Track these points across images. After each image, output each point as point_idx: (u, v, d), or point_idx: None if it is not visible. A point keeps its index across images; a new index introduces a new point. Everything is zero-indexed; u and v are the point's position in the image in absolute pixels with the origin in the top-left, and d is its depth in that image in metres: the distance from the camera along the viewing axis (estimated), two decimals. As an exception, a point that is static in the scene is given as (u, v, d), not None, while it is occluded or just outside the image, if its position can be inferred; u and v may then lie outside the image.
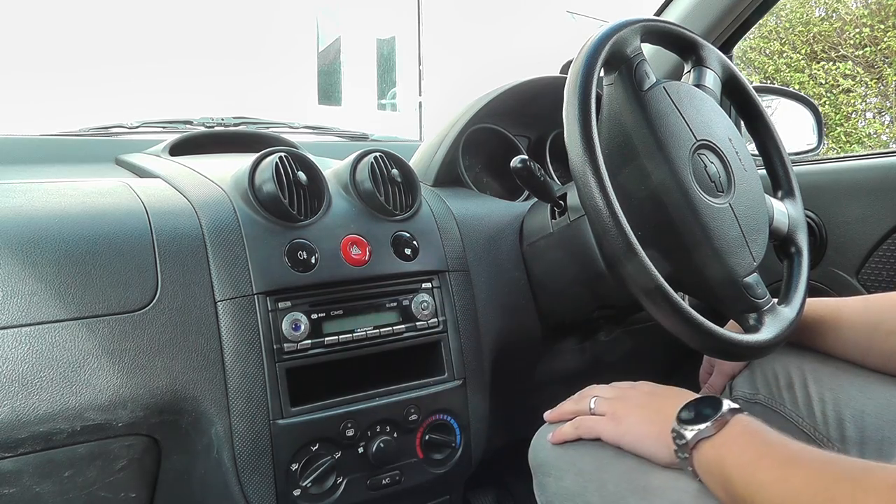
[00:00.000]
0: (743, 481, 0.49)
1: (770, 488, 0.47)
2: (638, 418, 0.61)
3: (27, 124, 1.21)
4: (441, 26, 5.86)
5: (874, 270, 1.02)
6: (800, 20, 7.14)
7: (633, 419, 0.61)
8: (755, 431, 0.52)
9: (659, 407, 0.60)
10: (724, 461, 0.51)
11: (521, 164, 0.78)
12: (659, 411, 0.60)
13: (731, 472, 0.50)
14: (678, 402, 0.58)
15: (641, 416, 0.61)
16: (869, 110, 7.12)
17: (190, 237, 0.69)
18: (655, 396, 0.64)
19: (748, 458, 0.50)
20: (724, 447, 0.52)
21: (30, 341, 0.60)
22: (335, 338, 0.72)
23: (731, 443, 0.52)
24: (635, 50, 0.73)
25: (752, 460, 0.50)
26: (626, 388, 0.67)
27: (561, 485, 0.63)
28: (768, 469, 0.48)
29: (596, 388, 0.69)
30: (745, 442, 0.52)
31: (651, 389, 0.65)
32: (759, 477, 0.48)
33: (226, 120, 1.28)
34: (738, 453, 0.51)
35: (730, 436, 0.52)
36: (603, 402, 0.65)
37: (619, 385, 0.68)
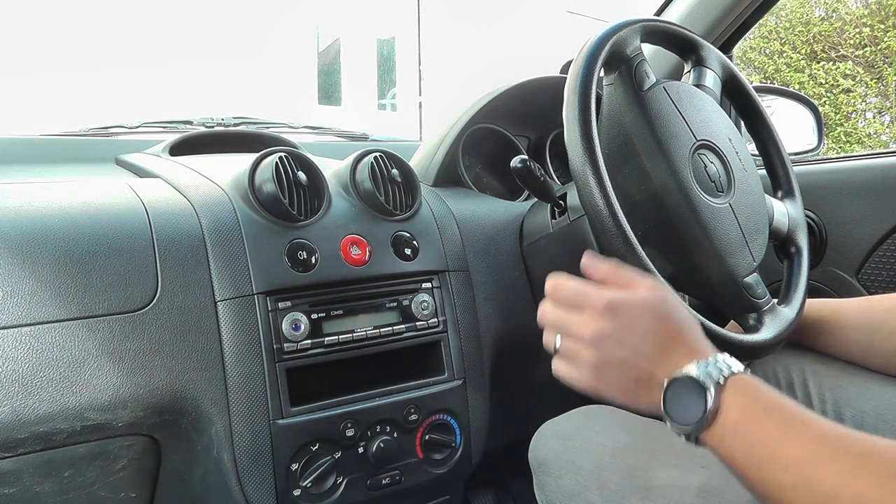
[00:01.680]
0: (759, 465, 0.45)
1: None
2: (620, 391, 0.55)
3: (27, 124, 1.21)
4: (441, 27, 5.86)
5: (874, 270, 1.02)
6: (800, 20, 7.14)
7: (617, 390, 0.55)
8: (754, 412, 0.47)
9: (639, 377, 0.53)
10: (733, 450, 0.47)
11: (521, 164, 0.78)
12: (640, 384, 0.53)
13: (743, 458, 0.46)
14: (660, 374, 0.52)
15: (625, 390, 0.54)
16: (869, 110, 7.12)
17: (190, 237, 0.69)
18: (634, 360, 0.54)
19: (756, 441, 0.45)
20: (726, 437, 0.47)
21: (30, 341, 0.60)
22: (335, 338, 0.72)
23: (733, 433, 0.47)
24: (635, 50, 0.73)
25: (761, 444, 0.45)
26: (611, 346, 0.55)
27: (561, 484, 0.63)
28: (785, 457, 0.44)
29: (558, 299, 0.60)
30: (748, 427, 0.46)
31: (627, 343, 0.54)
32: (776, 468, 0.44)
33: (226, 120, 1.28)
34: (743, 440, 0.46)
35: (729, 424, 0.47)
36: (583, 352, 0.56)
37: (586, 317, 0.56)
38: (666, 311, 0.55)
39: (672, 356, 0.53)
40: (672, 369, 0.51)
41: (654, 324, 0.54)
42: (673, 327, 0.54)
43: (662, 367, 0.52)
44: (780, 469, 0.43)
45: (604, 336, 0.55)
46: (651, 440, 0.62)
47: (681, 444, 0.59)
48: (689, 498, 0.54)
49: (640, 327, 0.54)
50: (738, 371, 0.50)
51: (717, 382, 0.48)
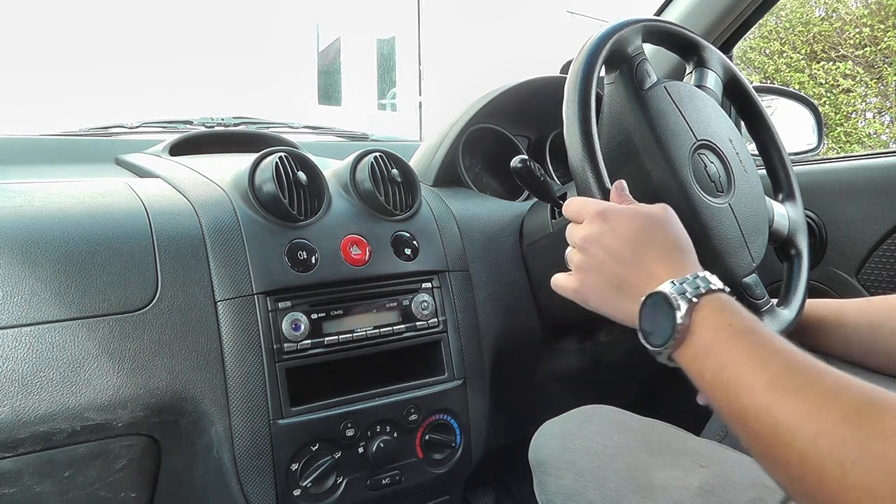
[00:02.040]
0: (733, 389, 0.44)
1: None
2: (599, 297, 0.57)
3: (27, 124, 1.21)
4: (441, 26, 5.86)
5: (874, 270, 1.02)
6: (800, 20, 7.14)
7: (596, 295, 0.58)
8: (725, 336, 0.47)
9: (618, 284, 0.55)
10: (703, 371, 0.47)
11: (521, 164, 0.78)
12: (619, 290, 0.55)
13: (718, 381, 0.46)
14: (638, 283, 0.53)
15: (603, 295, 0.57)
16: (869, 110, 7.12)
17: (190, 237, 0.69)
18: (611, 264, 0.56)
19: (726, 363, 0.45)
20: (697, 358, 0.48)
21: (30, 341, 0.60)
22: (335, 338, 0.72)
23: (704, 353, 0.47)
24: (636, 49, 0.73)
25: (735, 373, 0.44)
26: (594, 249, 0.57)
27: (561, 483, 0.63)
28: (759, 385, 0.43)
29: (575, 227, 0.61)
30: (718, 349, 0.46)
31: (608, 246, 0.56)
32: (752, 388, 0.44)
33: (226, 120, 1.28)
34: (712, 364, 0.46)
35: (699, 344, 0.47)
36: (574, 256, 0.60)
37: (592, 232, 0.58)
38: (657, 224, 0.56)
39: (651, 267, 0.53)
40: (650, 282, 0.52)
41: (639, 231, 0.55)
42: (659, 238, 0.55)
43: (640, 277, 0.53)
44: (745, 393, 0.43)
45: (589, 239, 0.57)
46: (651, 440, 0.62)
47: (681, 444, 0.59)
48: (688, 498, 0.54)
49: (623, 232, 0.55)
50: (716, 288, 0.50)
51: (690, 301, 0.48)
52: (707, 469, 0.56)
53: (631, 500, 0.57)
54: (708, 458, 0.58)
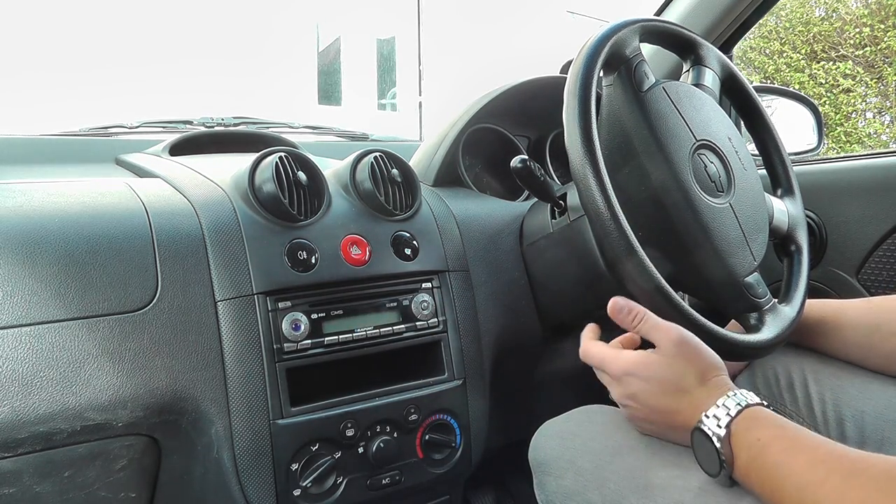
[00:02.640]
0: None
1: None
2: (660, 433, 0.61)
3: (27, 124, 1.21)
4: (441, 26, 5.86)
5: (874, 270, 1.02)
6: (800, 20, 7.14)
7: (656, 432, 0.62)
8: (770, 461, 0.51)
9: (670, 426, 0.60)
10: (752, 485, 0.51)
11: (521, 164, 0.78)
12: (674, 430, 0.59)
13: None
14: (685, 421, 0.57)
15: (661, 432, 0.61)
16: (869, 110, 7.12)
17: (190, 237, 0.69)
18: (657, 416, 0.60)
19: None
20: (744, 477, 0.52)
21: (30, 341, 0.59)
22: (335, 338, 0.72)
23: (747, 472, 0.52)
24: (634, 50, 0.73)
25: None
26: (637, 406, 0.61)
27: (561, 483, 0.63)
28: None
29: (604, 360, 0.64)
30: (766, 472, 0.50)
31: (647, 403, 0.60)
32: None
33: (226, 120, 1.28)
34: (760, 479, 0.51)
35: (742, 466, 0.52)
36: (621, 405, 0.64)
37: (628, 380, 0.61)
38: (680, 363, 0.59)
39: (691, 404, 0.57)
40: (693, 416, 0.56)
41: (672, 388, 0.59)
42: (687, 379, 0.58)
43: (687, 414, 0.57)
44: (787, 496, 0.47)
45: (626, 397, 0.62)
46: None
47: (680, 444, 0.59)
48: (689, 497, 0.54)
49: (654, 387, 0.60)
50: (741, 409, 0.53)
51: (721, 434, 0.53)
52: (707, 469, 0.57)
53: (631, 499, 0.57)
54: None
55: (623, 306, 0.64)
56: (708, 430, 0.53)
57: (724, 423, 0.53)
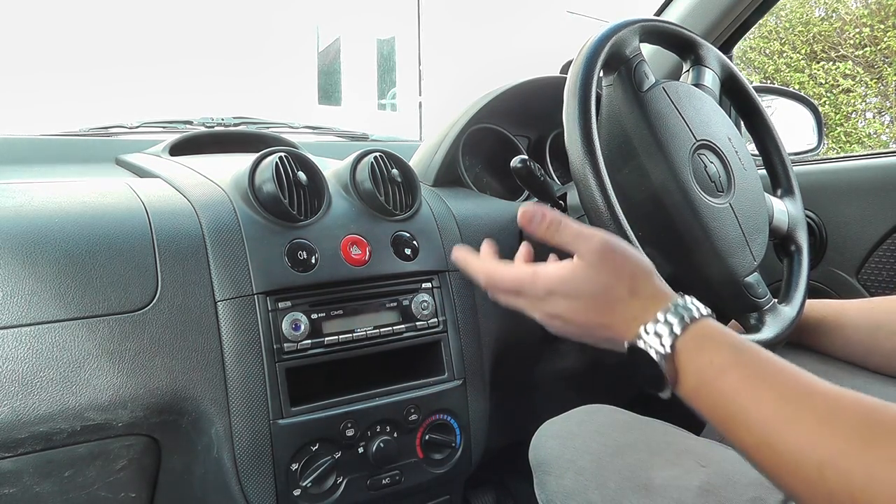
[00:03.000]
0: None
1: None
2: (594, 343, 0.56)
3: (27, 124, 1.21)
4: (441, 26, 5.86)
5: (874, 270, 1.02)
6: (800, 20, 7.14)
7: (590, 343, 0.56)
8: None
9: (606, 337, 0.53)
10: (701, 408, 0.47)
11: (521, 164, 0.78)
12: (610, 342, 0.53)
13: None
14: (621, 332, 0.51)
15: (596, 342, 0.55)
16: (869, 110, 7.12)
17: (190, 237, 0.69)
18: (590, 329, 0.54)
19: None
20: (692, 398, 0.47)
21: (30, 341, 0.59)
22: (335, 338, 0.72)
23: (695, 394, 0.46)
24: (634, 50, 0.73)
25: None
26: (545, 314, 0.57)
27: (561, 483, 0.63)
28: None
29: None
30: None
31: (577, 317, 0.54)
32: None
33: (226, 120, 1.28)
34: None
35: (689, 387, 0.47)
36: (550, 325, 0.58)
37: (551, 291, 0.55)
38: (606, 273, 0.53)
39: (623, 317, 0.51)
40: (627, 330, 0.50)
41: (600, 302, 0.52)
42: (616, 290, 0.52)
43: (620, 329, 0.51)
44: (742, 430, 0.43)
45: (550, 317, 0.56)
46: (651, 439, 0.62)
47: (681, 444, 0.59)
48: (689, 497, 0.54)
49: (579, 304, 0.53)
50: (687, 324, 0.48)
51: (663, 352, 0.47)
52: (707, 468, 0.57)
53: (631, 499, 0.57)
54: (708, 458, 0.58)
55: (535, 212, 0.56)
56: (648, 346, 0.48)
57: (668, 343, 0.47)
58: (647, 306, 0.50)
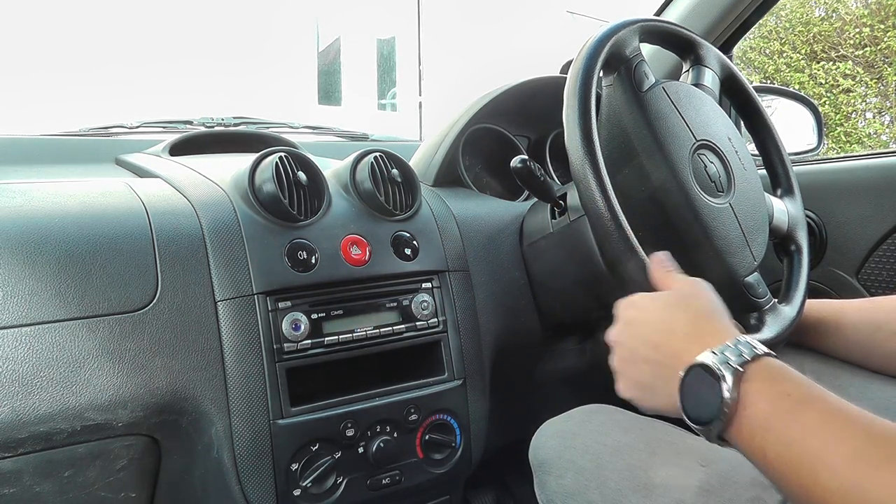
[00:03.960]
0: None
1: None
2: (641, 392, 0.53)
3: (27, 124, 1.21)
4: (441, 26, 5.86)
5: (874, 270, 1.02)
6: (800, 20, 7.14)
7: (638, 391, 0.53)
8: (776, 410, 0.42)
9: (654, 371, 0.51)
10: (765, 449, 0.42)
11: (521, 164, 0.78)
12: (657, 378, 0.51)
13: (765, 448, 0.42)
14: (675, 364, 0.48)
15: (643, 388, 0.52)
16: (869, 110, 7.12)
17: (190, 237, 0.69)
18: (644, 351, 0.52)
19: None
20: (756, 435, 0.43)
21: (30, 341, 0.60)
22: (335, 338, 0.72)
23: (764, 430, 0.42)
24: (634, 51, 0.73)
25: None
26: (625, 340, 0.55)
27: (561, 483, 0.63)
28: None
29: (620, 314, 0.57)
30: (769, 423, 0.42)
31: (637, 336, 0.53)
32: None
33: (226, 120, 1.28)
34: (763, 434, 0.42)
35: (756, 419, 0.43)
36: (612, 358, 0.57)
37: (629, 320, 0.56)
38: (682, 300, 0.53)
39: (680, 344, 0.49)
40: (683, 358, 0.47)
41: (665, 312, 0.52)
42: (689, 315, 0.51)
43: (671, 357, 0.49)
44: (825, 473, 0.39)
45: (619, 335, 0.56)
46: (651, 439, 0.62)
47: (681, 443, 0.59)
48: (689, 497, 0.54)
49: (650, 317, 0.53)
50: (762, 353, 0.44)
51: (735, 370, 0.43)
52: (707, 468, 0.57)
53: (631, 499, 0.57)
54: (708, 458, 0.58)
55: (662, 260, 0.59)
56: (712, 364, 0.44)
57: (737, 362, 0.43)
58: (717, 333, 0.48)
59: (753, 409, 0.43)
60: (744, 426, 0.43)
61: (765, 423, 0.42)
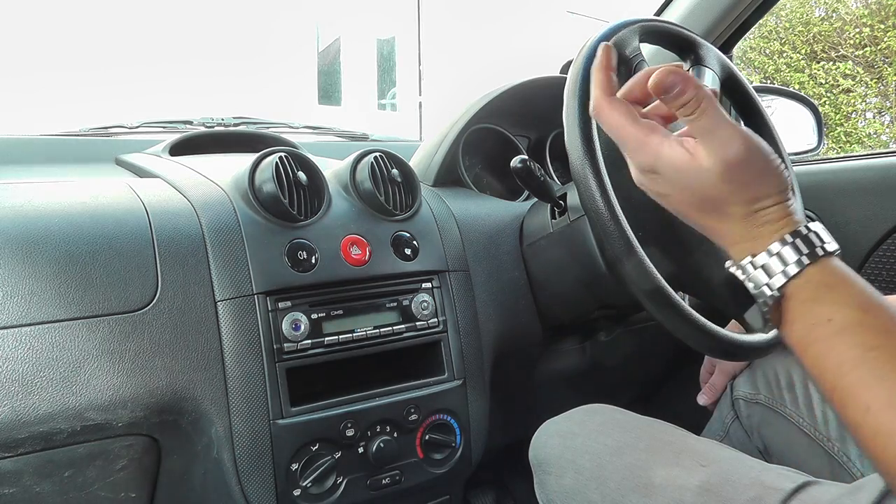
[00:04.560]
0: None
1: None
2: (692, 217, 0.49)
3: (27, 124, 1.21)
4: (441, 26, 5.86)
5: (874, 271, 1.02)
6: (800, 20, 7.14)
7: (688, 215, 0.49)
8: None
9: (706, 225, 0.48)
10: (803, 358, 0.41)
11: (521, 164, 0.78)
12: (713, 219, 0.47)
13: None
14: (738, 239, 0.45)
15: (694, 216, 0.48)
16: (869, 110, 7.12)
17: (190, 237, 0.69)
18: (689, 212, 0.48)
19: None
20: (797, 348, 0.41)
21: (30, 341, 0.60)
22: (335, 338, 0.72)
23: (804, 348, 0.40)
24: (634, 50, 0.73)
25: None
26: (642, 183, 0.51)
27: (561, 482, 0.64)
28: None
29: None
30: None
31: (679, 203, 0.48)
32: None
33: (226, 120, 1.28)
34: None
35: (796, 337, 0.41)
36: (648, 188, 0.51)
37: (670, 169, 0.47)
38: (728, 184, 0.44)
39: (731, 233, 0.45)
40: (732, 247, 0.45)
41: (703, 200, 0.46)
42: (731, 203, 0.45)
43: (726, 240, 0.46)
44: (859, 410, 0.37)
45: (654, 191, 0.50)
46: (651, 439, 0.62)
47: (681, 443, 0.59)
48: (689, 496, 0.54)
49: (685, 198, 0.47)
50: (804, 265, 0.41)
51: (770, 294, 0.41)
52: (707, 468, 0.57)
53: (631, 498, 0.57)
54: (708, 458, 0.58)
55: (675, 81, 0.45)
56: (753, 282, 0.42)
57: (778, 284, 0.41)
58: (762, 233, 0.43)
59: (790, 327, 0.41)
60: (790, 338, 0.42)
61: (801, 344, 0.41)
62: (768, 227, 0.43)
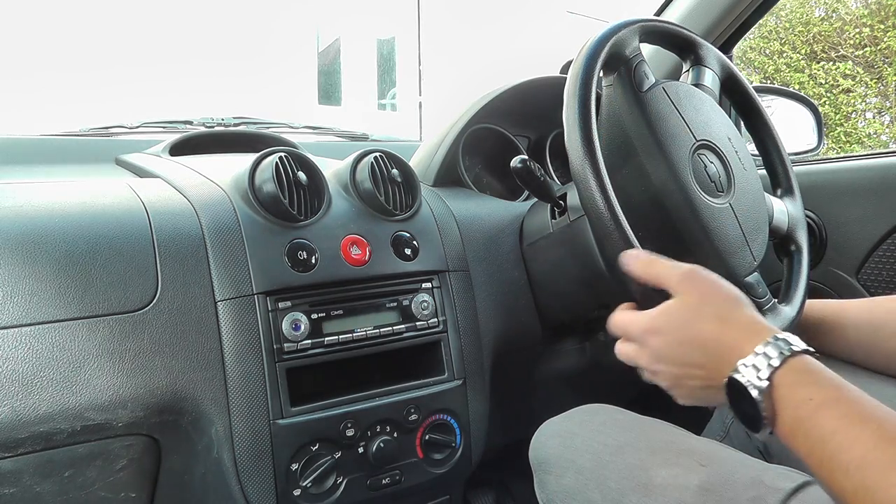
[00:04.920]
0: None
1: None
2: (692, 396, 0.56)
3: (27, 124, 1.21)
4: (441, 26, 5.87)
5: (874, 270, 1.02)
6: (800, 20, 7.14)
7: (689, 396, 0.56)
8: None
9: (703, 385, 0.53)
10: (798, 448, 0.45)
11: (521, 164, 0.78)
12: (708, 389, 0.53)
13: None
14: (717, 377, 0.50)
15: (694, 394, 0.55)
16: (869, 110, 7.12)
17: (190, 237, 0.69)
18: (690, 372, 0.54)
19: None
20: (789, 437, 0.46)
21: (30, 341, 0.60)
22: (335, 338, 0.72)
23: (793, 432, 0.45)
24: (634, 51, 0.73)
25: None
26: (648, 359, 0.58)
27: (561, 482, 0.63)
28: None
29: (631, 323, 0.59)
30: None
31: (676, 360, 0.55)
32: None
33: (226, 120, 1.28)
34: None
35: (787, 425, 0.46)
36: (648, 371, 0.58)
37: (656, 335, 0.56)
38: (702, 312, 0.53)
39: (721, 357, 0.51)
40: (723, 364, 0.50)
41: (693, 332, 0.53)
42: (712, 327, 0.52)
43: (717, 371, 0.51)
44: (841, 472, 0.41)
45: (652, 362, 0.57)
46: (651, 439, 0.62)
47: (681, 443, 0.59)
48: (689, 496, 0.54)
49: (672, 338, 0.55)
50: (786, 357, 0.47)
51: (761, 386, 0.46)
52: (707, 468, 0.56)
53: (631, 498, 0.57)
54: (708, 457, 0.58)
55: (630, 254, 0.59)
56: (745, 381, 0.47)
57: (766, 375, 0.46)
58: (743, 338, 0.50)
59: (783, 417, 0.46)
60: (781, 429, 0.47)
61: (793, 427, 0.45)
62: (746, 332, 0.50)
